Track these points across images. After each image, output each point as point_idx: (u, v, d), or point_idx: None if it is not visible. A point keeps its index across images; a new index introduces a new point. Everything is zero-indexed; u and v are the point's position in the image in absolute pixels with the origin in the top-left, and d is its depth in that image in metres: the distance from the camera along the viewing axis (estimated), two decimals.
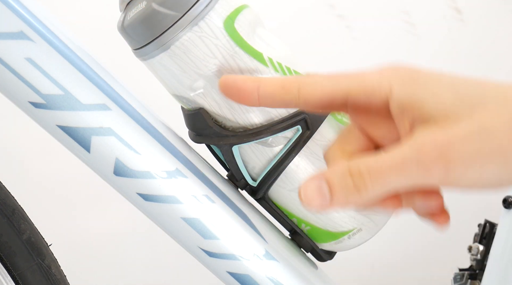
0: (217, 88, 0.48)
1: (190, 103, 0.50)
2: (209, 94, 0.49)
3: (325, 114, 0.51)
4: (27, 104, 0.48)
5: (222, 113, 0.49)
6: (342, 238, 0.53)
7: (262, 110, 0.49)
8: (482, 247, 0.98)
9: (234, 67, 0.48)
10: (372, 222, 0.53)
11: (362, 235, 0.53)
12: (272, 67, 0.49)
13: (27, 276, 0.60)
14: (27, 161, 1.61)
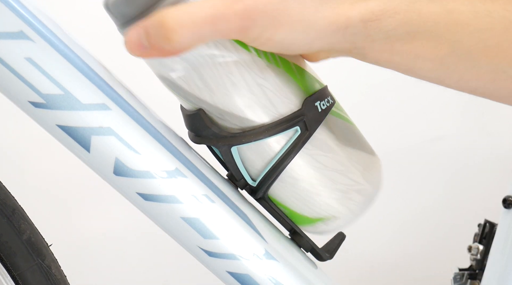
0: (198, 71, 0.48)
1: (172, 86, 0.50)
2: (190, 78, 0.48)
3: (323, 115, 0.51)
4: (27, 104, 0.48)
5: (202, 96, 0.49)
6: (318, 223, 0.53)
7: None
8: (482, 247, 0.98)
9: (215, 52, 0.47)
10: (349, 211, 0.53)
11: (339, 223, 0.53)
12: (256, 53, 0.48)
13: (27, 276, 0.60)
14: (27, 161, 1.61)
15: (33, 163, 1.62)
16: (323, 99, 0.51)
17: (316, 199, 0.52)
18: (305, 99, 0.50)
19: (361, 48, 0.45)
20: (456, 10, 0.44)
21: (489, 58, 0.44)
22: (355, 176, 0.52)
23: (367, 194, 0.53)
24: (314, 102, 0.50)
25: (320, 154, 0.51)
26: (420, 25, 0.44)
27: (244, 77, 0.48)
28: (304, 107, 0.50)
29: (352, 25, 0.44)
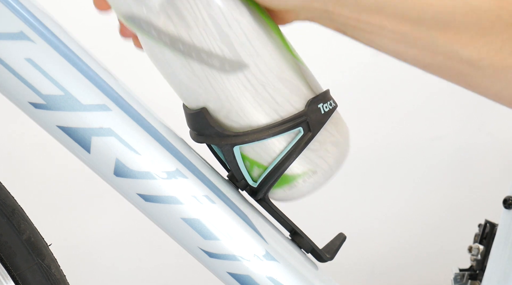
0: (174, 5, 0.47)
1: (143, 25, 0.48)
2: (164, 12, 0.47)
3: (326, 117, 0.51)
4: (27, 105, 0.48)
5: (178, 34, 0.48)
6: (297, 181, 0.52)
7: (215, 38, 0.48)
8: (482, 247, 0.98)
9: None
10: (327, 163, 0.52)
11: (317, 178, 0.52)
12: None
13: (27, 276, 0.60)
14: (27, 161, 1.61)
15: (33, 164, 1.62)
16: (326, 101, 0.51)
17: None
18: (308, 101, 0.50)
19: (330, 12, 0.47)
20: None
21: (446, 39, 0.47)
22: (329, 127, 0.52)
23: (341, 146, 0.52)
24: (317, 104, 0.50)
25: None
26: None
27: (222, 10, 0.47)
28: (307, 108, 0.50)
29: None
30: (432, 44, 0.48)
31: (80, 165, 0.54)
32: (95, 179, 0.56)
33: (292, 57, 0.51)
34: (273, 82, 0.49)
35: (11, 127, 1.56)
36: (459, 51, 0.48)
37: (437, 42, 0.48)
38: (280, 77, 0.49)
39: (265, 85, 0.49)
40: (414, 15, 0.47)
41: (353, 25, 0.48)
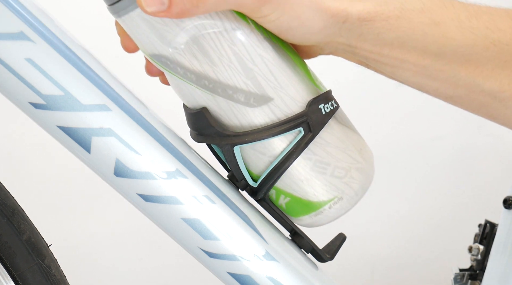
0: (199, 43, 0.47)
1: (169, 62, 0.49)
2: (190, 51, 0.48)
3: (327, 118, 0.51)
4: (27, 105, 0.48)
5: (203, 71, 0.48)
6: (323, 208, 0.52)
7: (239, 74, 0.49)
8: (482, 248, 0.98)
9: (217, 23, 0.47)
10: (352, 190, 0.52)
11: (343, 204, 0.52)
12: (254, 25, 0.48)
13: (27, 277, 0.60)
14: (27, 161, 1.61)
15: (33, 164, 1.62)
16: (327, 102, 0.51)
17: (320, 179, 0.51)
18: (309, 101, 0.50)
19: (353, 46, 0.48)
20: (444, 24, 0.47)
21: (467, 72, 0.48)
22: (354, 154, 0.52)
23: (366, 173, 0.53)
24: (318, 104, 0.50)
25: (323, 130, 0.51)
26: (409, 33, 0.47)
27: (246, 47, 0.48)
28: (308, 108, 0.50)
29: (350, 21, 0.46)
30: (453, 77, 0.48)
31: (80, 165, 0.54)
32: (95, 180, 0.56)
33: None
34: (269, 54, 0.49)
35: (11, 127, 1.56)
36: (481, 83, 0.48)
37: (459, 75, 0.48)
38: (273, 50, 0.49)
39: (262, 56, 0.49)
40: (435, 49, 0.47)
41: (375, 59, 0.48)
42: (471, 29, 0.47)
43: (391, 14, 0.46)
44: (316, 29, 0.47)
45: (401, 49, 0.47)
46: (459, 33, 0.47)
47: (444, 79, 0.49)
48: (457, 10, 0.48)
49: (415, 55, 0.47)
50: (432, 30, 0.47)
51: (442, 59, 0.48)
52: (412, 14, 0.47)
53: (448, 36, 0.47)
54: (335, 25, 0.46)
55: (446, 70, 0.48)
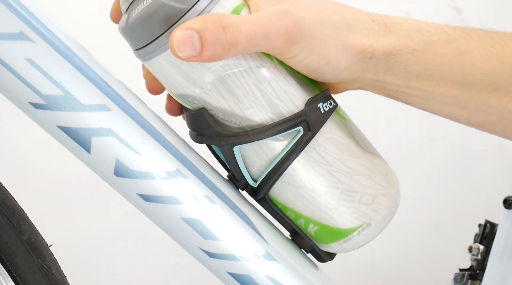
0: (225, 82, 0.48)
1: (196, 101, 0.50)
2: (216, 90, 0.49)
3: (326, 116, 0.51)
4: (27, 105, 0.48)
5: (230, 108, 0.49)
6: (352, 235, 0.53)
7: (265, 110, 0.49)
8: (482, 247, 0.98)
9: (242, 62, 0.48)
10: (380, 216, 0.53)
11: (371, 230, 0.53)
12: (277, 61, 0.49)
13: (27, 277, 0.60)
14: (27, 161, 1.61)
15: (33, 164, 1.62)
16: (325, 101, 0.51)
17: (348, 206, 0.52)
18: (308, 100, 0.50)
19: (381, 81, 0.49)
20: (469, 53, 0.48)
21: (497, 99, 0.48)
22: (381, 180, 0.53)
23: (393, 198, 0.54)
24: (316, 103, 0.50)
25: (348, 159, 0.51)
26: (436, 65, 0.47)
27: (271, 84, 0.49)
28: (307, 107, 0.50)
29: (376, 56, 0.47)
30: (484, 105, 0.49)
31: (80, 165, 0.54)
32: (95, 180, 0.56)
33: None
34: (293, 88, 0.50)
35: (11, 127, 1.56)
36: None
37: (489, 103, 0.49)
38: (297, 84, 0.50)
39: (287, 92, 0.50)
40: (463, 78, 0.48)
41: (404, 92, 0.49)
42: (497, 57, 0.48)
43: (416, 47, 0.47)
44: (343, 66, 0.48)
45: (430, 81, 0.48)
46: (486, 62, 0.48)
47: (475, 108, 0.49)
48: (482, 39, 0.48)
49: (444, 86, 0.48)
50: (458, 60, 0.47)
51: (470, 89, 0.48)
52: (438, 46, 0.47)
53: (475, 65, 0.47)
54: (362, 62, 0.47)
55: (475, 99, 0.48)
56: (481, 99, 0.48)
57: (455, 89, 0.48)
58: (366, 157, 0.52)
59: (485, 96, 0.48)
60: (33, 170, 1.61)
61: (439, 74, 0.48)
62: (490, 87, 0.48)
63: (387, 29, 0.48)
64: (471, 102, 0.49)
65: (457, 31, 0.49)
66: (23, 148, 1.60)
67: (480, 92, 0.48)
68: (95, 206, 1.63)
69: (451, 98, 0.49)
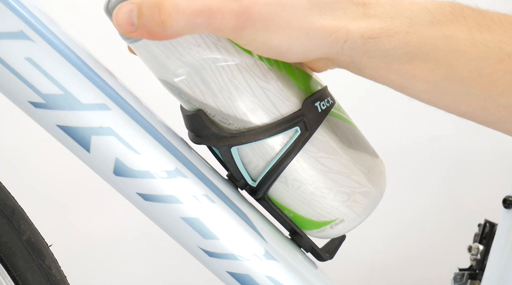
0: (201, 76, 0.48)
1: (174, 89, 0.50)
2: (192, 82, 0.49)
3: (323, 115, 0.51)
4: (27, 104, 0.48)
5: (205, 101, 0.49)
6: (325, 227, 0.53)
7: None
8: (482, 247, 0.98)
9: (217, 56, 0.47)
10: (355, 213, 0.53)
11: (345, 225, 0.53)
12: (257, 56, 0.48)
13: (27, 277, 0.60)
14: (27, 161, 1.61)
15: (33, 164, 1.62)
16: (322, 99, 0.51)
17: (321, 202, 0.52)
18: (305, 100, 0.50)
19: (358, 63, 0.46)
20: (455, 36, 0.45)
21: (481, 87, 0.46)
22: (360, 178, 0.52)
23: (372, 196, 0.53)
24: (314, 103, 0.50)
25: (324, 157, 0.51)
26: (419, 48, 0.44)
27: (247, 80, 0.48)
28: (304, 107, 0.50)
29: (352, 39, 0.44)
30: (466, 93, 0.46)
31: (80, 165, 0.54)
32: (95, 179, 0.56)
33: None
34: (272, 85, 0.49)
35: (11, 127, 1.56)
36: (496, 98, 0.46)
37: (472, 89, 0.46)
38: (278, 80, 0.49)
39: (264, 88, 0.49)
40: (446, 62, 0.45)
41: (382, 75, 0.46)
42: (484, 41, 0.45)
43: (398, 29, 0.44)
44: (311, 50, 0.45)
45: (410, 65, 0.45)
46: (471, 46, 0.45)
47: (457, 95, 0.46)
48: (468, 21, 0.45)
49: (426, 70, 0.45)
50: (443, 44, 0.45)
51: (453, 74, 0.45)
52: (422, 27, 0.45)
53: (460, 49, 0.45)
54: (335, 45, 0.45)
55: (458, 86, 0.46)
56: (464, 86, 0.46)
57: (437, 74, 0.45)
58: (347, 154, 0.52)
59: (468, 83, 0.45)
60: (33, 170, 1.61)
61: (421, 58, 0.45)
62: (474, 73, 0.45)
63: (366, 10, 0.45)
64: (452, 88, 0.46)
65: (442, 10, 0.45)
66: (23, 148, 1.60)
67: (463, 79, 0.45)
68: (95, 205, 1.63)
69: (433, 83, 0.46)
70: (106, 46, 1.12)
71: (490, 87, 0.45)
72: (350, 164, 0.52)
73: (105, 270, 1.64)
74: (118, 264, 1.64)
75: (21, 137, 1.58)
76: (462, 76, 0.45)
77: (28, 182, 1.58)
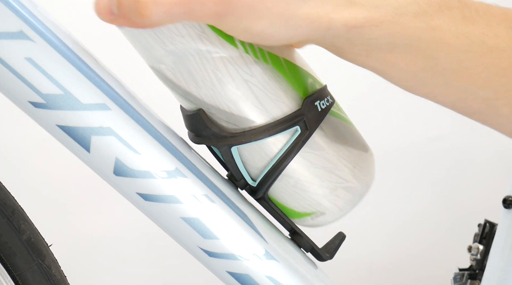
0: (184, 65, 0.48)
1: (161, 77, 0.50)
2: (177, 70, 0.49)
3: (323, 114, 0.51)
4: (27, 104, 0.48)
5: (189, 89, 0.49)
6: (305, 218, 0.53)
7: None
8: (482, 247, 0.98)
9: (201, 47, 0.47)
10: (337, 207, 0.53)
11: (326, 218, 0.53)
12: (243, 49, 0.48)
13: (27, 277, 0.60)
14: (26, 161, 1.61)
15: (33, 163, 1.62)
16: (322, 98, 0.51)
17: (303, 195, 0.52)
18: (304, 99, 0.50)
19: (339, 48, 0.46)
20: (439, 28, 0.45)
21: (461, 79, 0.46)
22: (343, 174, 0.52)
23: (356, 192, 0.53)
24: (314, 102, 0.50)
25: (308, 152, 0.51)
26: (402, 39, 0.44)
27: (231, 73, 0.48)
28: (304, 106, 0.50)
29: (334, 27, 0.44)
30: (446, 83, 0.46)
31: (80, 165, 0.54)
32: (95, 179, 0.56)
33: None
34: (257, 79, 0.49)
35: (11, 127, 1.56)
36: (475, 91, 0.46)
37: (452, 81, 0.46)
38: (264, 74, 0.49)
39: (248, 81, 0.49)
40: (428, 53, 0.45)
41: (363, 61, 0.46)
42: (467, 34, 0.45)
43: (383, 19, 0.44)
44: (294, 36, 0.45)
45: (392, 54, 0.45)
46: (454, 38, 0.45)
47: (436, 85, 0.46)
48: (454, 14, 0.45)
49: (406, 59, 0.45)
50: (427, 36, 0.44)
51: (434, 65, 0.45)
52: (406, 18, 0.44)
53: (443, 41, 0.45)
54: (316, 32, 0.44)
55: (437, 77, 0.46)
56: (444, 77, 0.46)
57: (417, 64, 0.45)
58: (332, 149, 0.52)
59: (448, 74, 0.45)
60: (33, 170, 1.61)
61: (403, 48, 0.44)
62: (455, 65, 0.45)
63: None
64: (432, 79, 0.46)
65: (429, 0, 0.45)
66: (23, 148, 1.60)
67: (444, 70, 0.45)
68: (95, 205, 1.63)
69: (412, 73, 0.46)
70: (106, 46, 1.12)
71: (470, 80, 0.45)
72: (335, 159, 0.52)
73: (105, 270, 1.64)
74: (118, 264, 1.64)
75: (21, 137, 1.58)
76: (443, 67, 0.45)
77: (28, 182, 1.58)
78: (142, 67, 0.54)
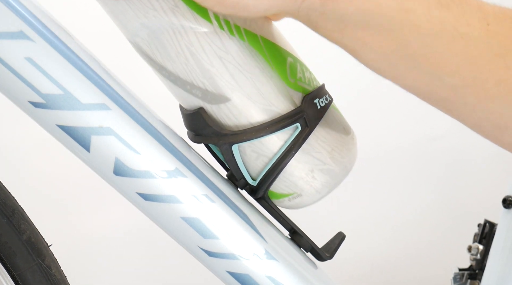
0: (159, 39, 0.48)
1: (137, 49, 0.50)
2: (152, 44, 0.49)
3: (322, 112, 0.51)
4: (27, 104, 0.48)
5: (164, 64, 0.49)
6: (283, 199, 0.54)
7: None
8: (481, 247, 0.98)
9: (174, 21, 0.47)
10: (314, 189, 0.53)
11: (303, 200, 0.53)
12: (218, 24, 0.48)
13: (27, 277, 0.60)
14: (27, 161, 1.61)
15: (33, 163, 1.62)
16: (321, 96, 0.51)
17: (279, 176, 0.52)
18: (304, 96, 0.50)
19: (314, 22, 0.46)
20: (413, 10, 0.45)
21: (430, 64, 0.46)
22: (321, 156, 0.52)
23: (333, 174, 0.53)
24: (313, 100, 0.50)
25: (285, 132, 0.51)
26: (375, 17, 0.45)
27: (204, 48, 0.48)
28: (304, 104, 0.50)
29: (309, 0, 0.44)
30: (415, 67, 0.46)
31: (80, 165, 0.54)
32: (95, 179, 0.56)
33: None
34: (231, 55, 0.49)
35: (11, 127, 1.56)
36: (443, 77, 0.46)
37: (421, 66, 0.46)
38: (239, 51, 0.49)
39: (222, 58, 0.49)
40: (400, 35, 0.45)
41: (336, 38, 0.46)
42: (440, 19, 0.45)
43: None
44: (268, 7, 0.45)
45: (364, 32, 0.45)
46: (427, 22, 0.45)
47: (405, 69, 0.46)
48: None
49: (378, 40, 0.45)
50: (399, 16, 0.44)
51: (404, 48, 0.45)
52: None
53: (416, 24, 0.45)
54: (292, 4, 0.45)
55: (407, 61, 0.46)
56: (413, 60, 0.46)
57: (388, 46, 0.45)
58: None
59: (418, 59, 0.45)
60: (33, 170, 1.61)
61: (375, 28, 0.45)
62: (426, 49, 0.45)
63: None
64: (402, 62, 0.46)
65: None
66: (23, 147, 1.60)
67: (414, 54, 0.45)
68: (95, 205, 1.63)
69: (382, 54, 0.46)
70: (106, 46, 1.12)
71: (439, 65, 0.46)
72: (312, 140, 0.52)
73: (105, 270, 1.64)
74: (118, 264, 1.64)
75: (21, 137, 1.58)
76: (413, 50, 0.45)
77: (28, 182, 1.58)
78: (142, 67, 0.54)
